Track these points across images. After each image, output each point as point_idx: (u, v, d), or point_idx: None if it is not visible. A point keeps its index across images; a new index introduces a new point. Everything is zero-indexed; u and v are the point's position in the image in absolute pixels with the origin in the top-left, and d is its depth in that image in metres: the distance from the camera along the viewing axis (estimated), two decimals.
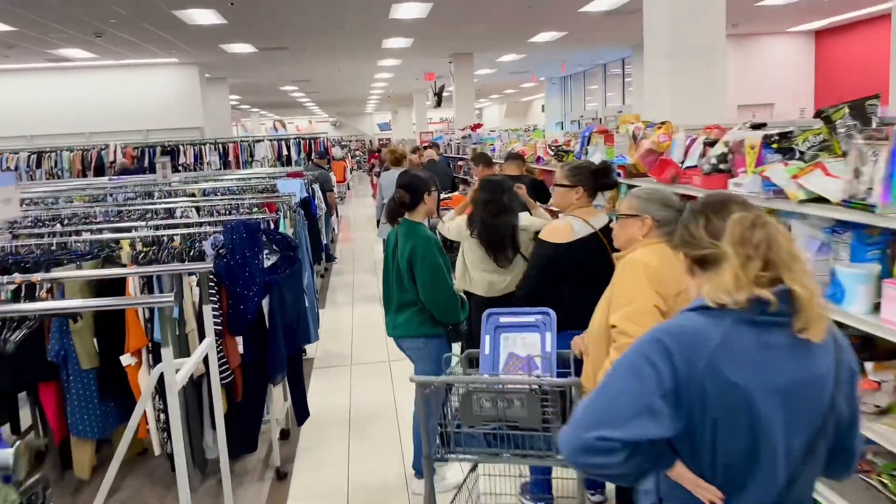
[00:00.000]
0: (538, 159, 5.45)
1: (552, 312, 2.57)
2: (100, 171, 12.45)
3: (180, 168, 12.66)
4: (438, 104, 18.79)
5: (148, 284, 3.29)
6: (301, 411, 3.79)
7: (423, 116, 26.44)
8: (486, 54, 15.66)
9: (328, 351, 6.00)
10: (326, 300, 7.91)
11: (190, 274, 3.12)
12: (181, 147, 12.84)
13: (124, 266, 3.35)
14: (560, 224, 3.17)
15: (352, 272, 9.44)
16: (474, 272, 4.10)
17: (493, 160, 6.03)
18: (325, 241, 8.75)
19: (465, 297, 3.53)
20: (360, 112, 40.10)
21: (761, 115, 14.80)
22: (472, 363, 2.75)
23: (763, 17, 12.69)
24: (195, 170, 12.70)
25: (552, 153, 4.86)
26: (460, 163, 10.31)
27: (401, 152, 7.44)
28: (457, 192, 7.39)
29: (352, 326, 6.81)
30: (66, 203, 6.23)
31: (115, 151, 12.55)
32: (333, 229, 11.47)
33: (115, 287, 3.24)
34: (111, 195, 6.58)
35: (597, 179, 3.15)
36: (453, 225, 4.26)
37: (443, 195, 7.11)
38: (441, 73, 18.25)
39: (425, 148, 10.58)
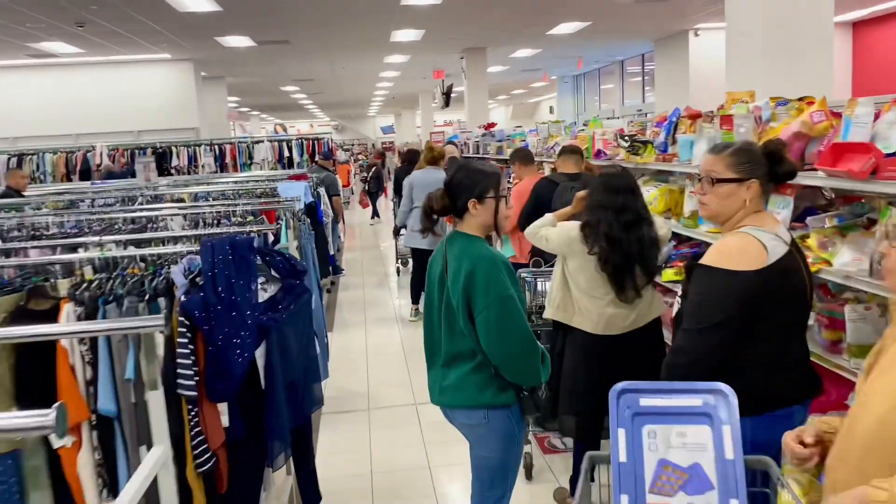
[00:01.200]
0: (598, 153, 4.46)
1: (730, 392, 1.56)
2: (85, 174, 11.49)
3: (173, 171, 11.69)
4: (447, 104, 17.84)
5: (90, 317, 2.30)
6: (310, 496, 2.78)
7: (429, 118, 25.48)
8: (499, 50, 14.69)
9: (340, 390, 5.00)
10: (335, 321, 6.90)
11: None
12: (174, 149, 11.86)
13: (59, 300, 2.35)
14: (740, 242, 2.01)
15: (361, 286, 8.44)
16: (584, 300, 2.99)
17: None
18: (331, 252, 7.76)
19: (545, 350, 2.47)
20: (362, 115, 39.17)
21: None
22: (594, 470, 1.74)
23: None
24: (189, 173, 11.73)
25: (625, 145, 3.86)
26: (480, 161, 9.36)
27: (439, 151, 6.47)
28: None
29: (366, 355, 5.81)
30: (33, 211, 5.26)
31: (101, 154, 11.58)
32: (340, 237, 10.48)
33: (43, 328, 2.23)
34: (86, 201, 5.60)
35: (772, 168, 2.07)
36: (554, 233, 3.12)
37: None
38: (450, 72, 17.28)
39: (428, 142, 9.66)
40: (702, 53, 13.48)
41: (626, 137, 3.92)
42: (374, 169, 16.73)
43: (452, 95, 17.38)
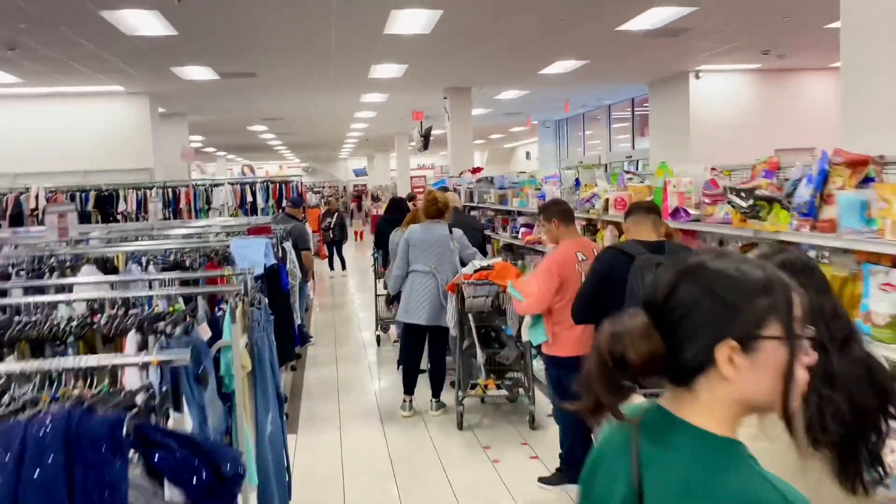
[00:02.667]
0: (675, 213, 3.27)
1: None
2: (17, 219, 10.02)
3: (119, 218, 10.29)
4: (425, 147, 16.74)
5: None
6: None
7: (405, 161, 24.40)
8: (484, 91, 13.68)
9: None
10: (300, 414, 5.50)
11: None
12: (121, 192, 10.48)
13: None
14: None
15: (333, 359, 7.05)
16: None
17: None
18: (298, 322, 6.43)
19: None
20: (333, 157, 38.06)
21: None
22: None
23: (810, 48, 10.90)
24: (137, 219, 10.35)
25: (742, 203, 2.64)
26: (473, 212, 8.11)
27: (443, 201, 5.21)
28: (497, 259, 5.14)
29: (341, 471, 4.43)
30: None
31: (37, 196, 10.13)
32: (309, 295, 9.13)
33: None
34: None
35: None
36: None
37: (478, 262, 4.87)
38: (429, 114, 16.25)
39: (430, 191, 8.51)
40: (703, 97, 12.61)
41: (743, 192, 2.70)
42: (336, 215, 15.51)
43: (431, 138, 16.34)
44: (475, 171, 12.67)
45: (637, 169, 15.18)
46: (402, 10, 7.42)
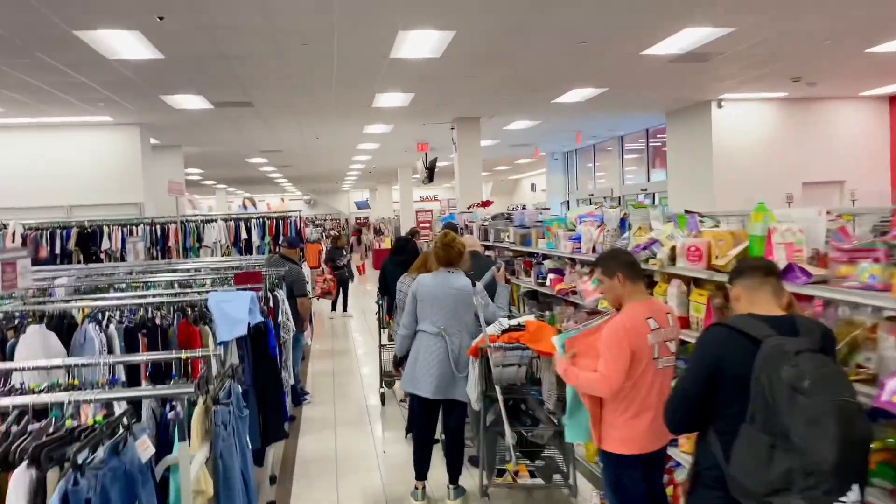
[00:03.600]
0: (788, 271, 2.45)
1: None
2: None
3: (102, 257, 9.53)
4: (430, 179, 16.06)
5: None
6: None
7: (408, 193, 23.72)
8: (493, 121, 13.00)
9: None
10: (291, 499, 4.62)
11: None
12: (105, 228, 9.72)
13: None
14: None
15: (331, 423, 6.16)
16: None
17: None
18: (291, 383, 5.61)
19: None
20: (335, 189, 37.44)
21: (831, 196, 12.24)
22: None
23: (845, 74, 10.21)
24: (123, 258, 9.57)
25: None
26: (489, 252, 7.29)
27: (459, 244, 4.36)
28: (529, 316, 4.28)
29: None
30: None
31: (13, 234, 9.37)
32: (307, 343, 8.29)
33: None
34: None
35: None
36: None
37: (504, 321, 4.06)
38: (435, 145, 15.59)
39: (445, 231, 7.76)
40: (726, 126, 11.91)
41: None
42: (347, 251, 14.57)
43: (436, 170, 15.66)
44: (484, 204, 11.94)
45: (655, 203, 14.43)
46: (411, 31, 6.73)
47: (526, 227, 6.32)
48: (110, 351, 3.83)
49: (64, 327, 3.97)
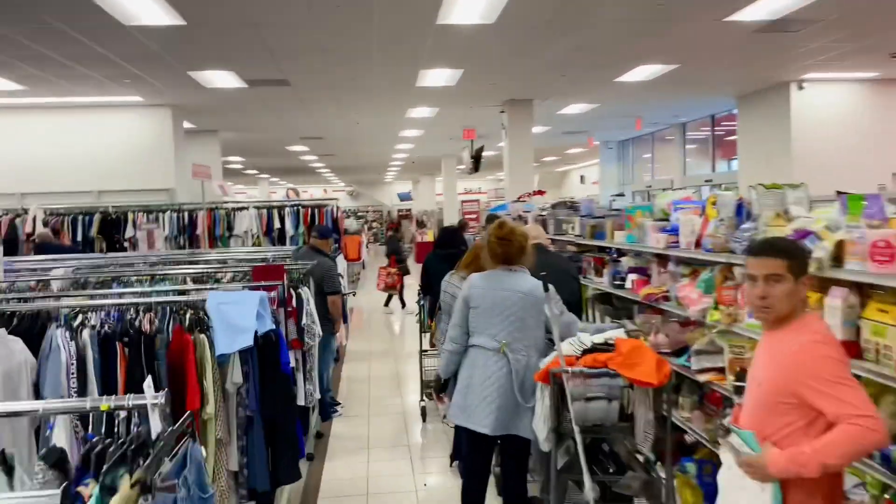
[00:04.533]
0: None
1: None
2: (11, 245, 8.70)
3: (126, 245, 8.89)
4: (476, 169, 15.15)
5: None
6: None
7: (451, 185, 22.86)
8: (546, 104, 11.99)
9: None
10: None
11: None
12: (130, 215, 9.08)
13: None
14: None
15: (364, 444, 5.29)
16: None
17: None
18: (316, 397, 4.81)
19: None
20: (378, 181, 36.82)
21: None
22: None
23: None
24: (150, 247, 8.93)
25: None
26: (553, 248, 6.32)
27: (520, 237, 3.42)
28: (618, 331, 3.27)
29: None
30: None
31: (34, 219, 8.80)
32: (341, 344, 7.48)
33: None
34: None
35: None
36: None
37: (586, 336, 3.15)
38: (483, 132, 14.67)
39: (491, 220, 6.86)
40: (807, 111, 10.72)
41: None
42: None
43: (481, 160, 14.74)
44: (536, 193, 11.01)
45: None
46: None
47: (598, 217, 5.33)
48: (81, 364, 3.05)
49: (31, 334, 3.21)
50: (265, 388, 3.06)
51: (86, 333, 3.06)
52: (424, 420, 5.82)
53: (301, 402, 4.39)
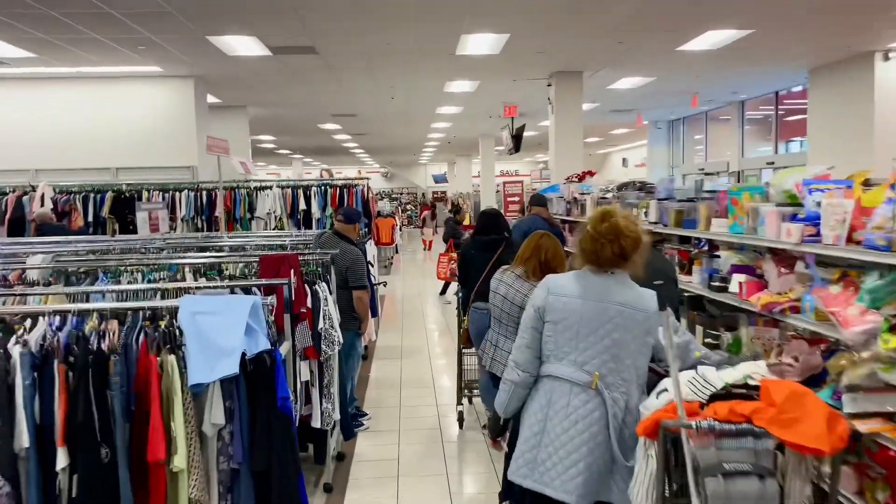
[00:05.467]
0: None
1: None
2: (17, 225, 8.08)
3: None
4: (517, 149, 14.18)
5: None
6: None
7: (489, 166, 21.88)
8: (598, 76, 10.98)
9: None
10: None
11: None
12: (145, 194, 8.39)
13: None
14: None
15: (393, 465, 4.46)
16: None
17: None
18: (335, 418, 3.99)
19: None
20: (413, 162, 36.00)
21: None
22: None
23: None
24: (172, 229, 8.25)
25: None
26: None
27: (633, 230, 2.33)
28: (756, 366, 2.25)
29: None
30: None
31: (42, 197, 8.15)
32: (368, 343, 6.66)
33: None
34: None
35: None
36: None
37: (711, 374, 2.24)
38: (524, 110, 13.71)
39: (538, 201, 6.11)
40: (894, 84, 9.54)
41: None
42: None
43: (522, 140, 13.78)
44: (585, 175, 10.04)
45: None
46: None
47: (686, 201, 4.29)
48: (10, 394, 2.26)
49: None
50: (256, 432, 2.24)
51: (17, 352, 2.26)
52: (462, 428, 4.99)
53: (316, 423, 3.58)
